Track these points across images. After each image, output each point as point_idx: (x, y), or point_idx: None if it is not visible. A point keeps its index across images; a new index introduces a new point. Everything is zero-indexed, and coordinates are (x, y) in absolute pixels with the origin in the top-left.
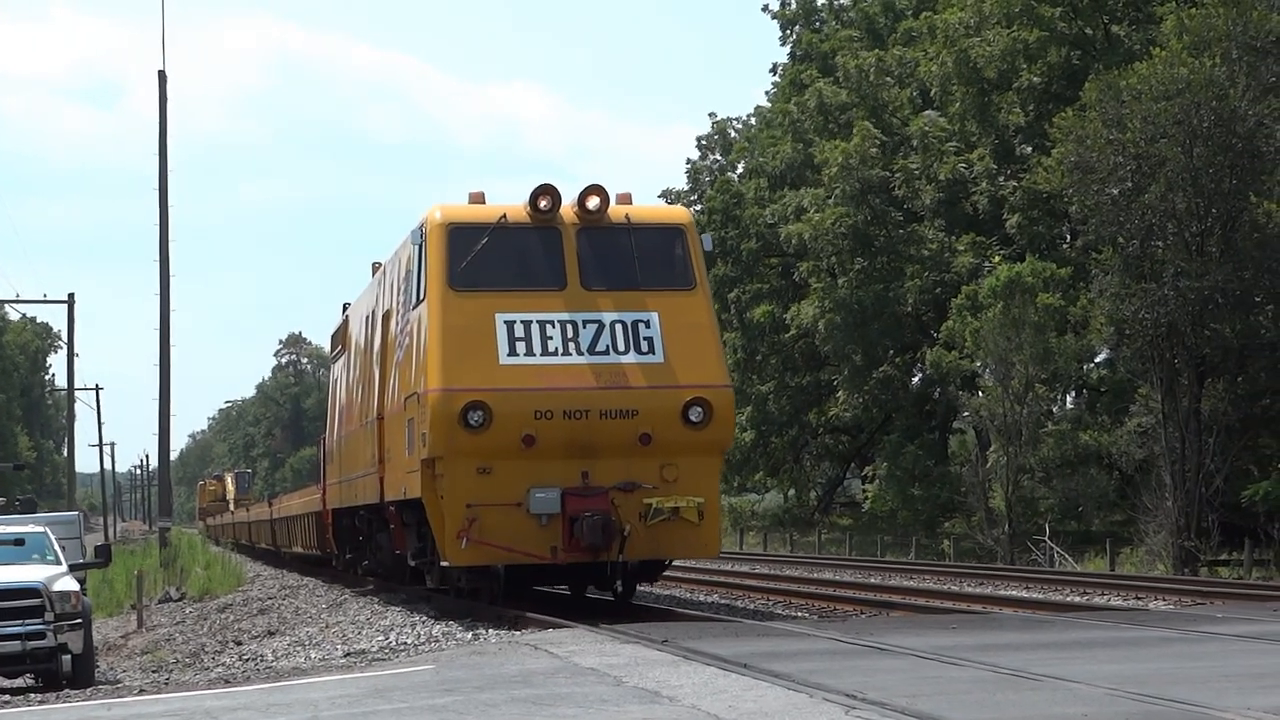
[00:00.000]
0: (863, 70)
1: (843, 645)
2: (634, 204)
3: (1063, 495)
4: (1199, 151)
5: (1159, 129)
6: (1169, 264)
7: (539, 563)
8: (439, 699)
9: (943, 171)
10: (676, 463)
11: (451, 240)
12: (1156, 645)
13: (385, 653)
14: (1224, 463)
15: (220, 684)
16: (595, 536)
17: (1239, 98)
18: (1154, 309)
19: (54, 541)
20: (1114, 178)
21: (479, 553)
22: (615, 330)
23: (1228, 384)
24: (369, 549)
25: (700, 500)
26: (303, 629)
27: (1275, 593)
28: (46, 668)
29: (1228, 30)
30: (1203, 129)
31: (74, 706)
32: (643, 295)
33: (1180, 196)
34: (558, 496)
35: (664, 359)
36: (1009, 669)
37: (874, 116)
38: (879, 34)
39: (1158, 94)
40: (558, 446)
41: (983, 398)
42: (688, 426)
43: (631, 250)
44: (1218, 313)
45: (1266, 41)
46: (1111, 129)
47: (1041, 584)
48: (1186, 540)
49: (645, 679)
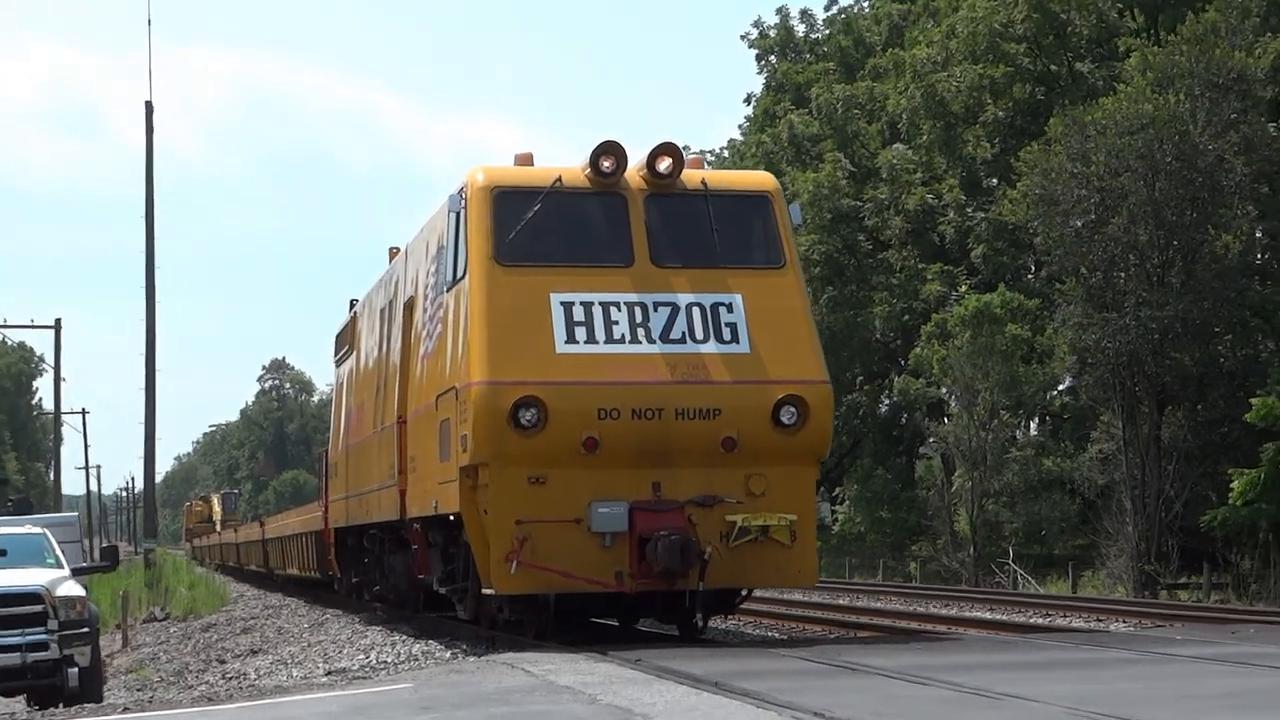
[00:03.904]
0: (833, 103)
1: (811, 665)
2: (707, 172)
3: (1026, 519)
4: (1161, 185)
5: (1122, 163)
6: (1131, 294)
7: (601, 591)
8: (417, 716)
9: (911, 202)
10: (765, 473)
11: (498, 206)
12: (1117, 666)
13: (366, 671)
14: (1183, 489)
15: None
16: (671, 560)
17: (1200, 133)
18: (1116, 338)
19: (54, 544)
20: (1078, 210)
21: (531, 579)
22: (692, 314)
23: (1187, 412)
24: (379, 572)
25: (793, 518)
26: (285, 648)
27: (1233, 616)
28: (50, 683)
29: (1190, 68)
30: (1165, 163)
31: None
32: (724, 274)
33: (1142, 229)
34: (625, 512)
35: (750, 349)
36: (972, 688)
37: (844, 148)
38: (853, 67)
39: (1121, 129)
40: (625, 452)
41: (949, 424)
42: (779, 430)
43: (709, 221)
44: (1178, 342)
45: (1227, 79)
46: (1076, 163)
47: (1005, 605)
48: (1146, 564)
49: (619, 697)
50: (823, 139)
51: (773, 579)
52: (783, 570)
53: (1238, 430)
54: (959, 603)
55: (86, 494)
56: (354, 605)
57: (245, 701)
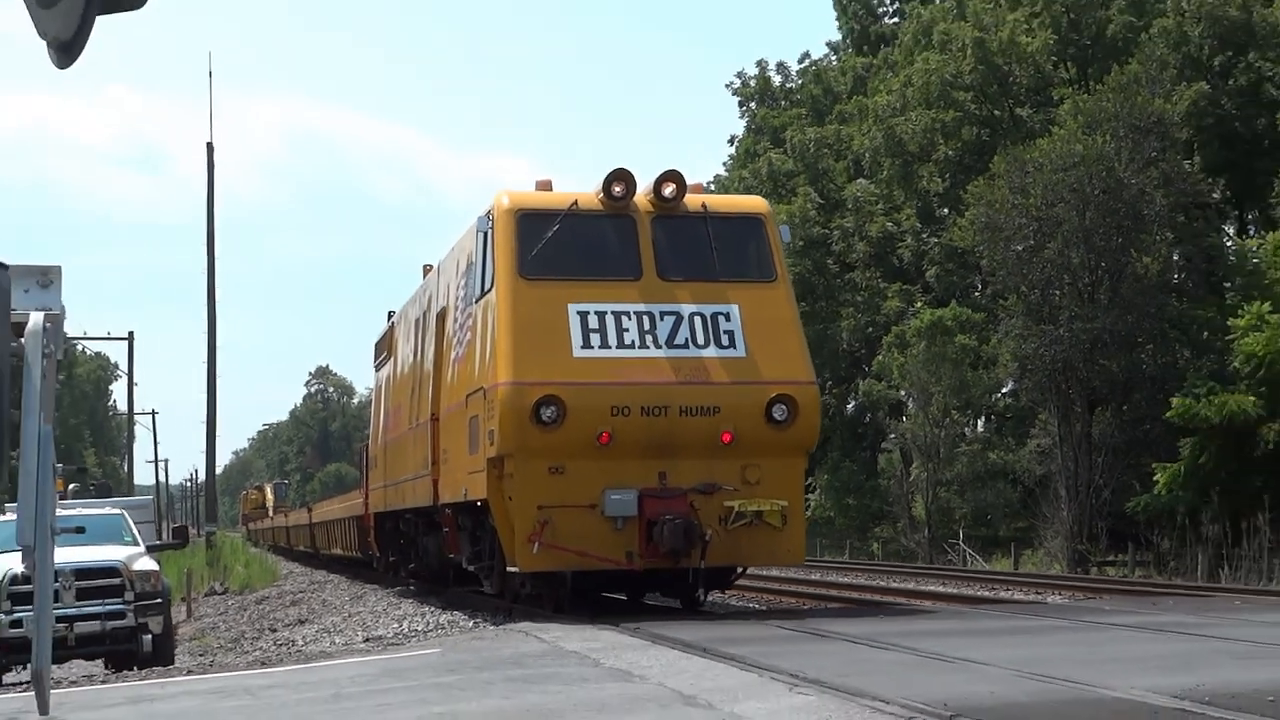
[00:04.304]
0: (805, 143)
1: (787, 632)
2: (707, 195)
3: (974, 505)
4: (1090, 215)
5: (1056, 195)
6: (1064, 309)
7: (613, 569)
8: (444, 678)
9: (873, 229)
10: (759, 464)
11: (521, 227)
12: (1054, 633)
13: (399, 638)
14: (1111, 479)
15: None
16: (676, 541)
17: (1124, 169)
18: (1051, 347)
19: (131, 523)
20: (1018, 236)
21: (551, 558)
22: (694, 322)
23: (1114, 412)
24: (414, 552)
25: (784, 504)
26: (328, 618)
27: (1155, 589)
28: (127, 648)
29: (1115, 112)
30: (1093, 195)
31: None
32: (722, 287)
33: (1074, 252)
34: (635, 498)
35: (746, 353)
36: (928, 652)
37: (815, 183)
38: (822, 112)
39: (1055, 166)
40: (634, 445)
41: (907, 422)
42: (771, 425)
43: (709, 240)
44: (1106, 351)
45: (1148, 122)
46: (1016, 195)
47: (956, 580)
48: (1079, 544)
49: (619, 660)
50: (796, 175)
51: (766, 558)
52: (774, 550)
53: (1159, 428)
54: (916, 578)
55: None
56: (389, 581)
57: (293, 665)
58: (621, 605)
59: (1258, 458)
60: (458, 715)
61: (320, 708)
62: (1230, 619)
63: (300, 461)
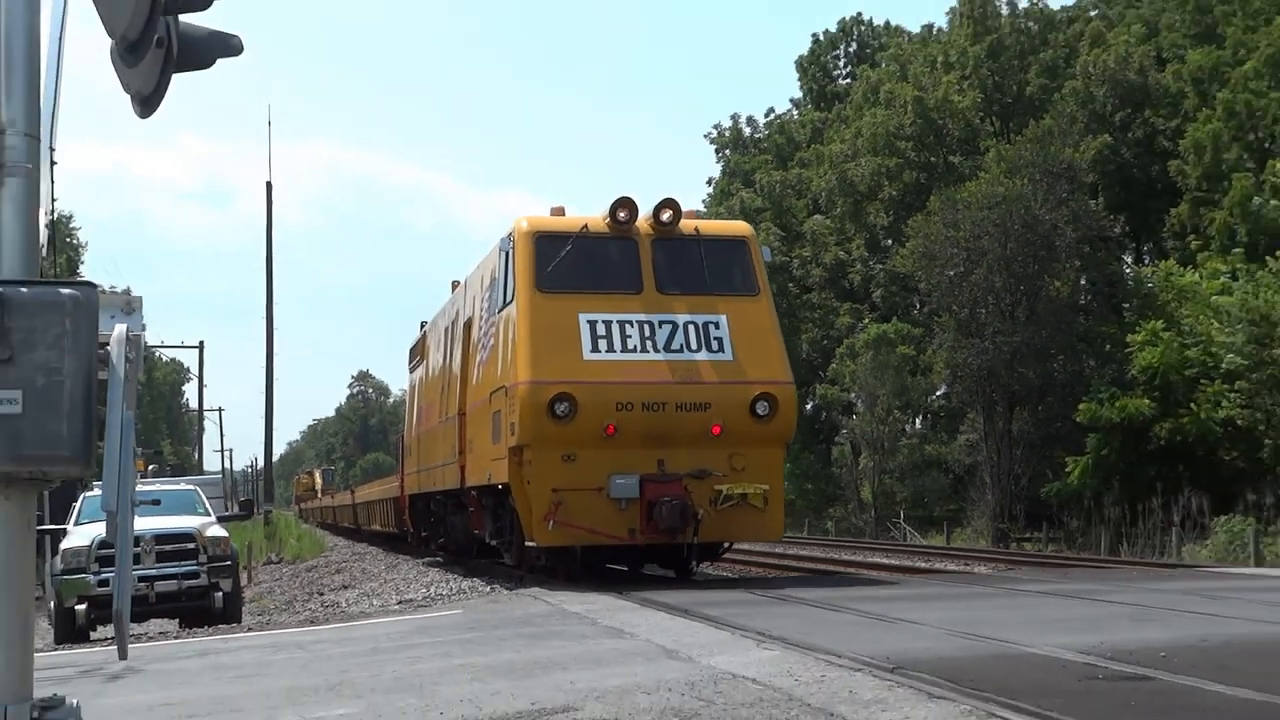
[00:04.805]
0: (771, 184)
1: (756, 597)
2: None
3: (912, 490)
4: (1010, 245)
5: (982, 229)
6: (989, 325)
7: (618, 543)
8: (465, 635)
9: (827, 258)
10: (744, 453)
11: (538, 247)
12: (980, 598)
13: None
14: (1028, 468)
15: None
16: (673, 520)
17: (1039, 208)
18: (978, 358)
19: (204, 497)
20: (950, 264)
21: (563, 534)
22: (688, 330)
23: (1031, 412)
24: (442, 528)
25: (765, 487)
26: (367, 584)
27: (1064, 562)
28: (200, 605)
29: (1032, 160)
30: (1013, 230)
31: (199, 640)
32: (712, 299)
33: (997, 277)
34: (636, 482)
35: (733, 357)
36: (874, 614)
37: (779, 218)
38: (785, 158)
39: (982, 204)
40: (636, 436)
41: (856, 420)
42: (755, 419)
43: (701, 259)
44: (1023, 361)
45: (1059, 168)
46: (949, 229)
47: (897, 553)
48: (1001, 523)
49: (614, 620)
50: (764, 211)
51: (750, 535)
52: (757, 528)
53: (1068, 426)
54: (864, 551)
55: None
56: (420, 553)
57: (337, 624)
58: (623, 575)
59: (1151, 451)
60: (476, 666)
61: (360, 660)
62: (1128, 587)
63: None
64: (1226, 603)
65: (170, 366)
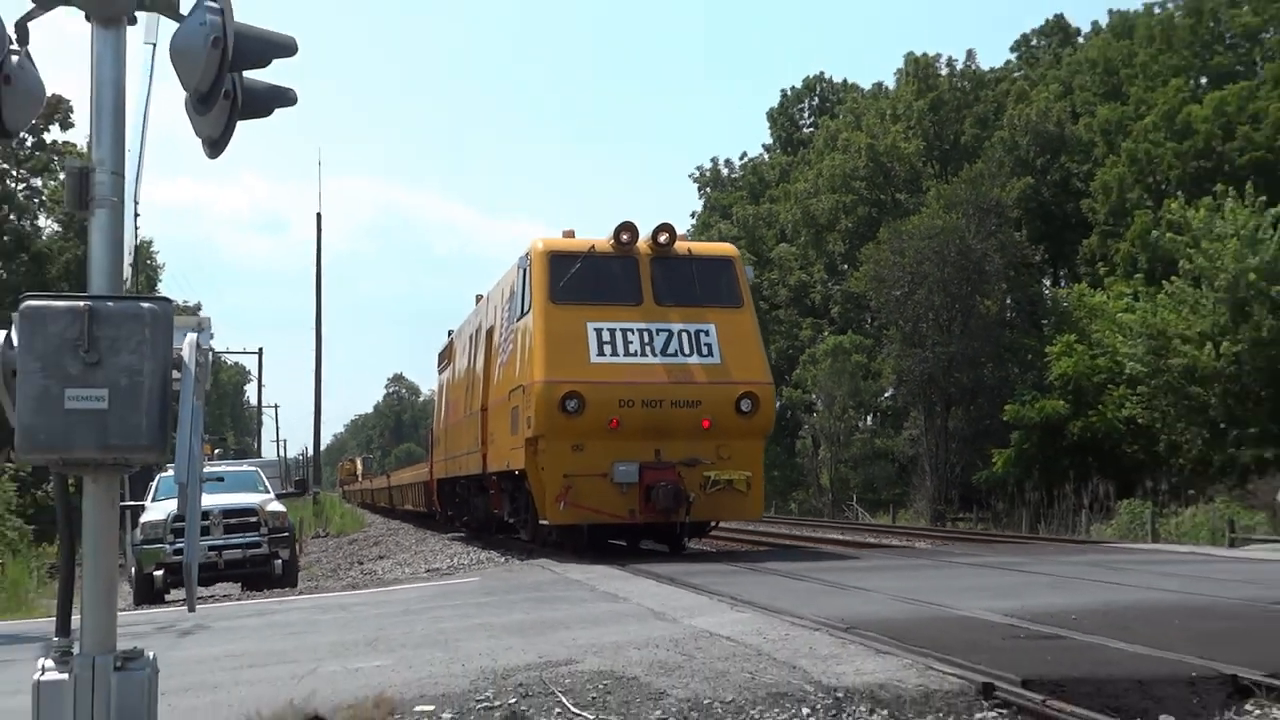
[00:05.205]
0: (746, 217)
1: (732, 567)
2: (691, 243)
3: (864, 477)
4: (947, 270)
5: (924, 256)
6: (929, 338)
7: (620, 522)
8: (482, 599)
9: (792, 280)
10: (730, 444)
11: (551, 264)
12: (921, 569)
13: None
14: (961, 459)
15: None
16: (668, 501)
17: (972, 238)
18: (920, 365)
19: (264, 477)
20: (896, 285)
21: (573, 513)
22: (682, 338)
23: (964, 411)
24: (466, 508)
25: (748, 474)
26: (400, 555)
27: (990, 538)
28: (263, 570)
29: (966, 198)
30: (950, 257)
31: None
32: (703, 310)
33: (936, 297)
34: (636, 469)
35: (720, 361)
36: (831, 582)
37: (752, 247)
38: (757, 195)
39: (923, 235)
40: (636, 429)
41: (816, 417)
42: (739, 415)
43: (693, 275)
44: (958, 368)
45: (989, 205)
46: (895, 256)
47: (851, 531)
48: (938, 505)
49: (609, 586)
50: (739, 240)
51: (734, 515)
52: (741, 509)
53: (995, 423)
54: (822, 529)
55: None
56: (446, 529)
57: (374, 589)
58: (624, 550)
59: (1065, 445)
60: (492, 625)
61: (393, 619)
62: (1045, 560)
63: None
64: (1127, 573)
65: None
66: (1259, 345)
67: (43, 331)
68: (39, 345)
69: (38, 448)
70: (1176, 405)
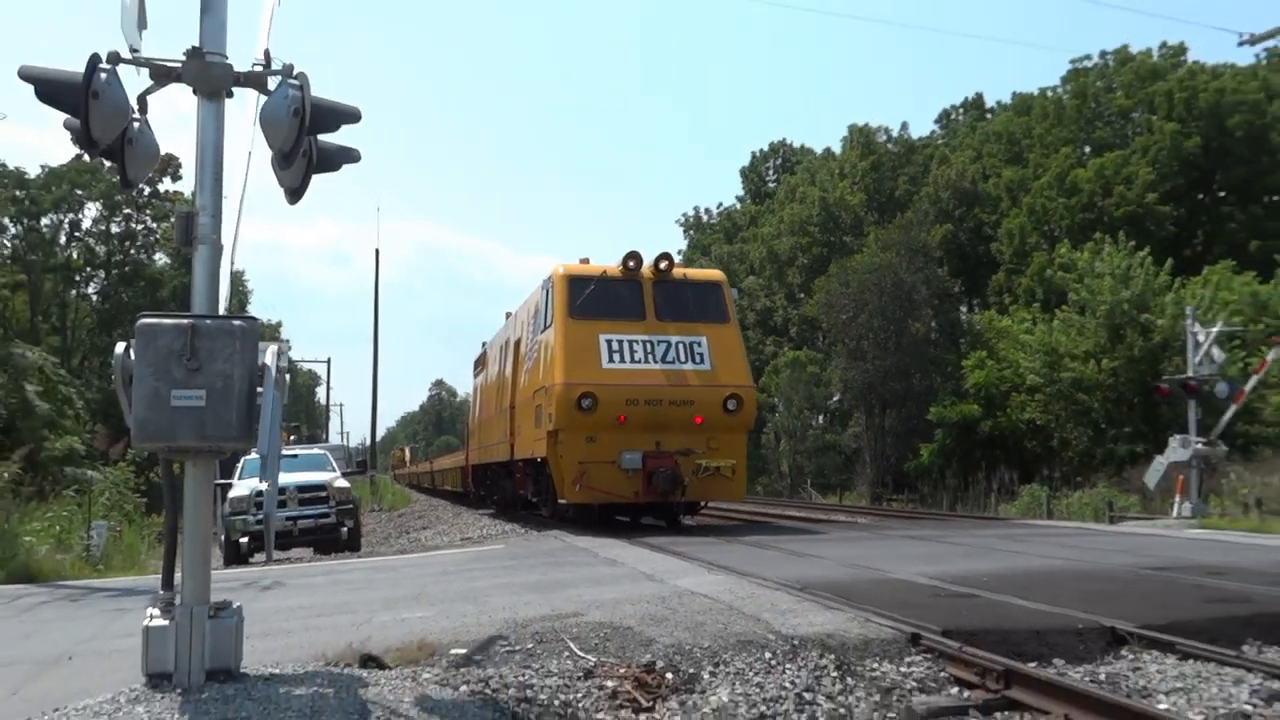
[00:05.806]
0: (722, 255)
1: (710, 539)
2: (686, 269)
3: (817, 465)
4: (884, 299)
5: (865, 287)
6: (869, 353)
7: (626, 501)
8: (507, 562)
9: (759, 305)
10: (718, 437)
11: (570, 286)
12: (863, 541)
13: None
14: (895, 451)
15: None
16: (666, 484)
17: (903, 273)
18: (862, 375)
19: (332, 459)
20: (843, 310)
21: (586, 494)
22: (678, 348)
23: (897, 413)
24: (496, 489)
25: (733, 462)
26: (440, 526)
27: (919, 516)
28: (331, 538)
29: (900, 240)
30: (886, 288)
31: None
32: (696, 325)
33: (875, 320)
34: (640, 457)
35: (711, 367)
36: (791, 551)
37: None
38: (731, 236)
39: (865, 270)
40: (640, 424)
41: (778, 416)
42: (726, 413)
43: (688, 296)
44: (893, 378)
45: (918, 246)
46: (842, 287)
47: (806, 509)
48: (877, 489)
49: (609, 553)
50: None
51: (721, 496)
52: (727, 491)
53: (923, 423)
54: (782, 507)
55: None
56: (478, 506)
57: (418, 553)
58: (627, 525)
59: (978, 440)
60: (513, 584)
61: (434, 578)
62: (963, 533)
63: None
64: (1027, 543)
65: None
66: (1131, 361)
67: (154, 344)
68: (151, 355)
69: (149, 438)
70: (1067, 409)
